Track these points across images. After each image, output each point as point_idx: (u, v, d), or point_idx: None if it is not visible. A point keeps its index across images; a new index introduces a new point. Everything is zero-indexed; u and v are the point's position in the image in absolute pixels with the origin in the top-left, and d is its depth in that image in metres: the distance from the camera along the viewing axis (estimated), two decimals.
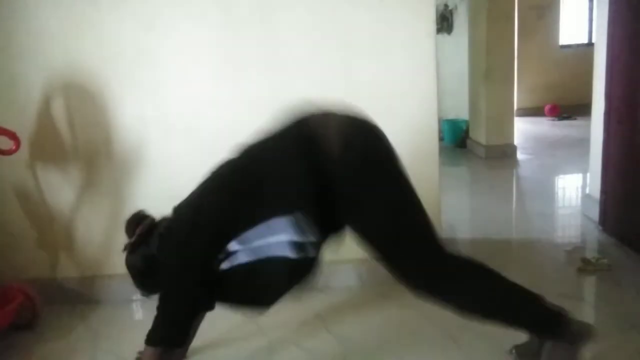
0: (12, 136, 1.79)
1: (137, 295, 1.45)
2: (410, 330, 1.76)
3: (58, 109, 2.02)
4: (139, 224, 1.37)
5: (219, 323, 1.85)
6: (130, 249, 1.36)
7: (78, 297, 2.12)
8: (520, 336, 1.43)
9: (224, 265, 1.27)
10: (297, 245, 1.20)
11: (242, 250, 1.25)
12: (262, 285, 1.28)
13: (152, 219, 1.40)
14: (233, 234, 1.24)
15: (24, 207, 2.10)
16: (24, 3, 1.93)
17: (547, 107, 6.79)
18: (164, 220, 1.38)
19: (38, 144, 2.03)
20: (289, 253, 1.20)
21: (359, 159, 1.23)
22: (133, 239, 1.35)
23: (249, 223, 1.22)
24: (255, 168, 1.27)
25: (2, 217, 2.11)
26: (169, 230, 1.33)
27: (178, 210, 1.35)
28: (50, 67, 1.98)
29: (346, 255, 2.08)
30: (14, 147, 1.79)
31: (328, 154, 1.20)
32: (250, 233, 1.23)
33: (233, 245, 1.25)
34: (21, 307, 1.85)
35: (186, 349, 1.66)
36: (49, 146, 2.04)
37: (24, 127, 1.98)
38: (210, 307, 1.44)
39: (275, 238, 1.21)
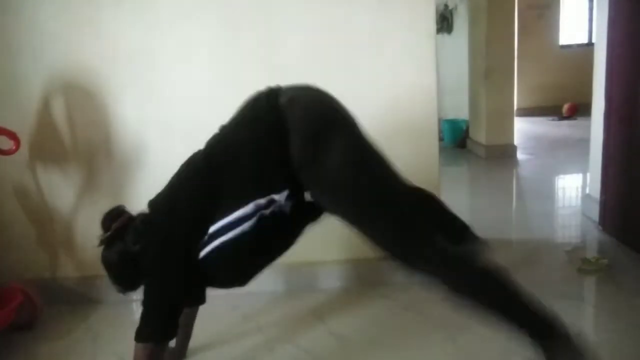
0: (12, 136, 1.79)
1: (137, 295, 1.44)
2: (410, 330, 1.76)
3: (58, 109, 2.02)
4: (116, 218, 1.36)
5: (217, 322, 1.86)
6: (107, 243, 1.36)
7: (78, 297, 2.12)
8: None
9: (205, 251, 1.25)
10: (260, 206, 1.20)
11: (217, 233, 1.24)
12: (238, 256, 1.27)
13: (129, 214, 1.39)
14: (212, 219, 1.23)
15: (24, 207, 2.10)
16: (24, 3, 1.93)
17: (566, 107, 6.76)
18: (141, 215, 1.37)
19: (38, 144, 2.03)
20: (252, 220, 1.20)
21: (303, 114, 1.27)
22: (109, 234, 1.34)
23: (226, 208, 1.21)
24: (223, 152, 1.27)
25: (2, 217, 2.11)
26: (149, 224, 1.32)
27: (154, 204, 1.34)
28: (50, 67, 1.98)
29: (345, 255, 2.09)
30: (14, 147, 1.80)
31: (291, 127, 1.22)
32: (227, 218, 1.22)
33: (210, 230, 1.24)
34: (21, 307, 1.85)
35: (185, 349, 1.66)
36: (49, 146, 2.04)
37: (24, 127, 1.98)
38: (200, 299, 1.45)
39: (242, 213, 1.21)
